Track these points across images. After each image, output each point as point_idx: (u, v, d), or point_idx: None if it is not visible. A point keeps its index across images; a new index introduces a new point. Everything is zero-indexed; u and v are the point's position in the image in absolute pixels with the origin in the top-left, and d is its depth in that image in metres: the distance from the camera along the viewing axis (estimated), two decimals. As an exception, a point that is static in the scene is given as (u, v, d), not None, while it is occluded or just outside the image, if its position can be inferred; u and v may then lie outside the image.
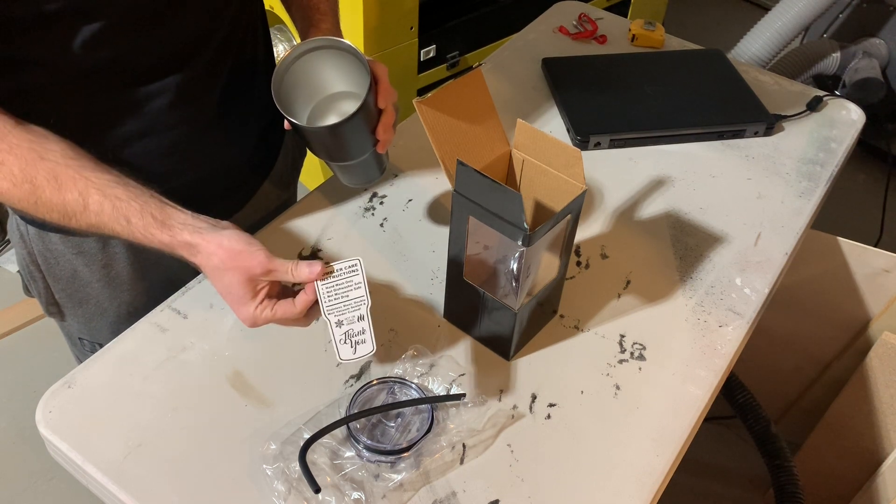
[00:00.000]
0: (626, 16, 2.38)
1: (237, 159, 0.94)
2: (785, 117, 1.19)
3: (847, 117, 1.22)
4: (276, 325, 0.84)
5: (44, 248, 0.89)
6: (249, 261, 0.69)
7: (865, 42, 2.32)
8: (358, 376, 0.81)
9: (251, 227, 0.97)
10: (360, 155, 0.86)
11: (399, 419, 0.76)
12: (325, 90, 0.88)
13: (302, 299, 0.72)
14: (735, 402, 1.43)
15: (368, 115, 0.81)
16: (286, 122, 0.81)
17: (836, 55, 2.29)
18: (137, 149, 0.82)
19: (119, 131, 0.80)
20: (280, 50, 1.91)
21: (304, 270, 0.71)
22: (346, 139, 0.83)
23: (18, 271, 0.95)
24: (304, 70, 0.84)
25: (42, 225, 0.87)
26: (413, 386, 0.78)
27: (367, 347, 0.72)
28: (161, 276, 0.92)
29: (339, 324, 0.72)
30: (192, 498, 0.71)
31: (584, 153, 1.10)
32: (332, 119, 0.86)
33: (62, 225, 0.71)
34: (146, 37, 0.75)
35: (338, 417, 0.74)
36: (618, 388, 0.82)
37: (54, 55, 0.71)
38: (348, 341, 0.72)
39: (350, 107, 0.77)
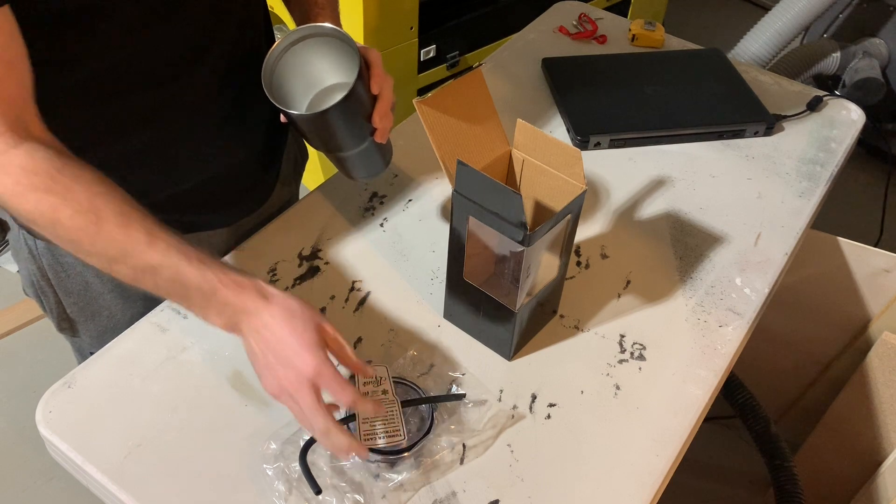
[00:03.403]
0: (626, 16, 2.38)
1: (247, 160, 0.93)
2: (785, 117, 1.19)
3: (847, 117, 1.22)
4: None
5: (54, 262, 0.88)
6: (317, 317, 0.67)
7: (865, 42, 2.32)
8: (358, 376, 0.81)
9: (257, 228, 0.97)
10: (357, 144, 0.84)
11: (399, 419, 0.76)
12: (321, 82, 0.87)
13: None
14: (735, 402, 1.43)
15: (359, 101, 0.79)
16: (282, 115, 0.81)
17: (836, 55, 2.28)
18: (147, 154, 0.81)
19: (129, 137, 0.79)
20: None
21: (369, 405, 0.68)
22: (338, 127, 0.81)
23: (18, 271, 0.94)
24: (297, 62, 0.83)
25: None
26: (413, 386, 0.78)
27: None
28: None
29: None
30: (192, 498, 0.71)
31: (584, 153, 1.10)
32: None
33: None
34: (151, 39, 0.74)
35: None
36: (618, 388, 0.82)
37: (66, 57, 0.70)
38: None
39: None
